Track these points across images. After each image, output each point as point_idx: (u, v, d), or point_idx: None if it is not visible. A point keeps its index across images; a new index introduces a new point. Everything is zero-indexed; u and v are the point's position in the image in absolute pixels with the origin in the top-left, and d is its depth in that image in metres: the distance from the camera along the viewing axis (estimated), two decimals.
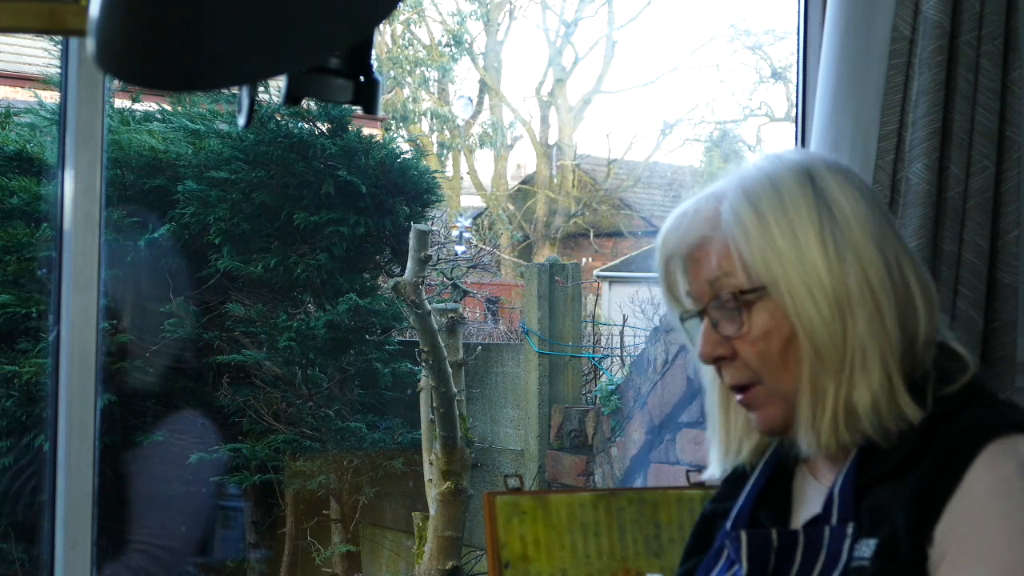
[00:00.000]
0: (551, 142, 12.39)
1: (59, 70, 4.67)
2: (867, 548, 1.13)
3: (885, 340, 1.16)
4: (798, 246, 1.17)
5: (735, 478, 1.33)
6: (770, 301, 1.18)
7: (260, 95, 4.91)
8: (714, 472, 1.34)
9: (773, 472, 1.28)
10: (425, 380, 5.25)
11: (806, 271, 1.16)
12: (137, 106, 5.82)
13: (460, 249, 9.38)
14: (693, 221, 1.23)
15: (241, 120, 0.84)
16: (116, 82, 3.74)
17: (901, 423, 1.16)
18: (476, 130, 12.53)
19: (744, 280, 1.19)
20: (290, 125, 5.60)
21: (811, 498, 1.24)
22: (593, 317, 6.98)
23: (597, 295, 8.12)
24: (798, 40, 2.12)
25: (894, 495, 1.13)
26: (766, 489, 1.28)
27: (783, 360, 1.18)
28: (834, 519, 1.17)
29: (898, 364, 1.16)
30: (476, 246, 10.18)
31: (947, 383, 1.18)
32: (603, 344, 6.84)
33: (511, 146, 12.63)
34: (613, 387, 5.13)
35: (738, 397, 1.24)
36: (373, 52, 0.83)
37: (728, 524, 1.28)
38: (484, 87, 12.40)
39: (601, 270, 10.78)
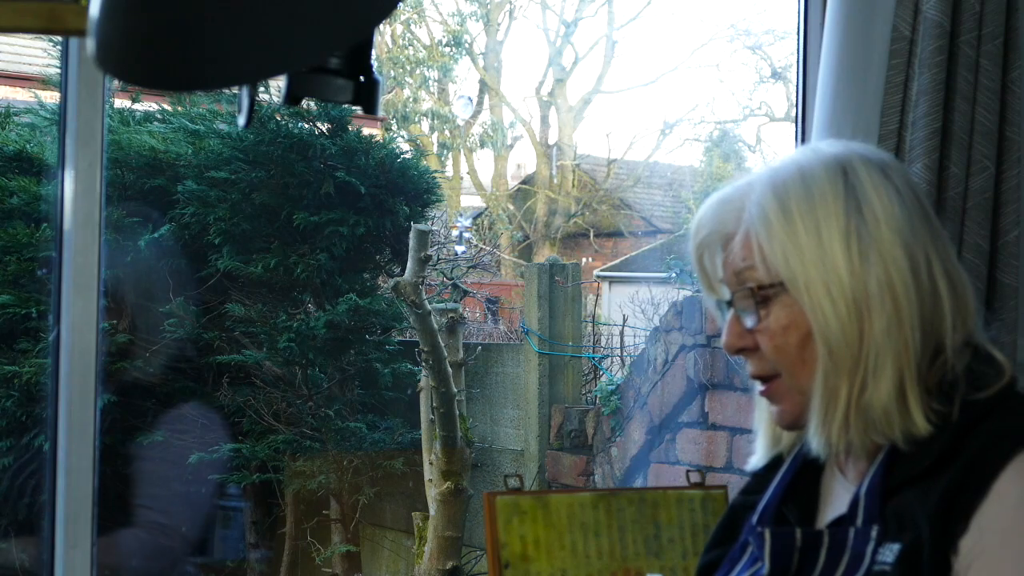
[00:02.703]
0: (551, 142, 12.38)
1: (59, 70, 4.66)
2: (890, 553, 1.11)
3: (902, 344, 1.14)
4: (820, 244, 1.15)
5: (765, 470, 1.33)
6: (788, 297, 1.17)
7: (260, 95, 4.90)
8: (758, 461, 1.34)
9: (802, 466, 1.27)
10: (425, 380, 5.25)
11: (826, 270, 1.15)
12: (137, 106, 5.81)
13: (460, 249, 9.37)
14: (722, 210, 1.23)
15: (241, 120, 0.84)
16: (116, 82, 3.74)
17: (915, 429, 1.14)
18: (476, 130, 12.52)
19: (763, 274, 1.18)
20: (290, 125, 5.59)
21: (838, 496, 1.23)
22: (593, 317, 6.98)
23: (597, 295, 8.11)
24: (798, 40, 2.12)
25: (920, 500, 1.11)
26: (794, 484, 1.27)
27: (800, 356, 1.17)
28: (859, 520, 1.15)
29: (914, 370, 1.14)
30: (476, 246, 10.17)
31: (980, 389, 1.15)
32: (603, 344, 6.83)
33: (511, 146, 12.63)
34: (613, 387, 5.13)
35: (760, 388, 1.24)
36: (373, 52, 0.83)
37: (754, 519, 1.27)
38: (484, 87, 12.39)
39: (601, 270, 10.78)
